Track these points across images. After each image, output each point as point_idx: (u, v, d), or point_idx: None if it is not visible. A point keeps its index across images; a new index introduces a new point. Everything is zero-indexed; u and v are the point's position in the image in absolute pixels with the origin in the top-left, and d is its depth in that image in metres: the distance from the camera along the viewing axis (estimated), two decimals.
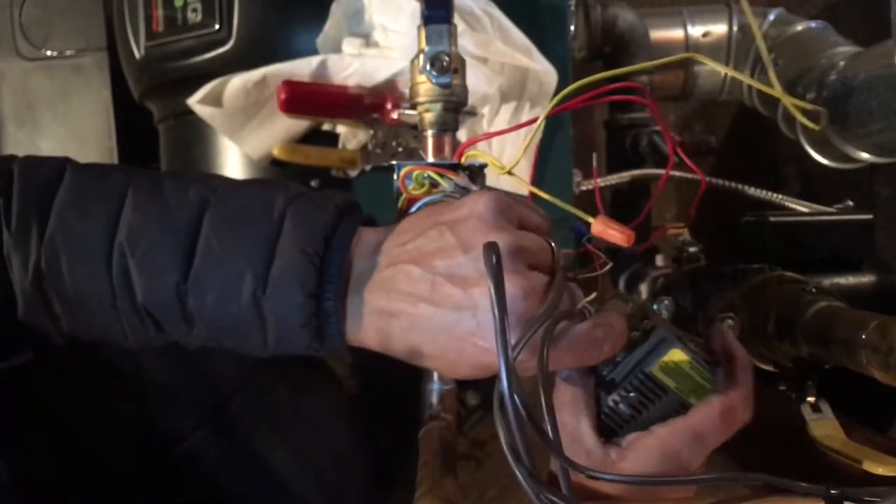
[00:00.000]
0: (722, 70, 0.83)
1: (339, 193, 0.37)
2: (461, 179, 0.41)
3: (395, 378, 0.56)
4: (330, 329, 0.34)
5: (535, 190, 0.42)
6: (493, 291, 0.30)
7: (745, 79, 0.62)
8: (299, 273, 0.33)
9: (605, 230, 0.36)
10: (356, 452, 0.58)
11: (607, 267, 0.40)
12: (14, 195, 0.35)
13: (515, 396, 0.30)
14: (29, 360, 0.40)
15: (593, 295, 0.37)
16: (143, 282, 0.34)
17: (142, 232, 0.34)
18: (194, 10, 0.70)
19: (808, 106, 0.57)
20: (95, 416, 0.45)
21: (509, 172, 0.42)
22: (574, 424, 0.37)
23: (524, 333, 0.32)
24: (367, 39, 0.68)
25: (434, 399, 0.50)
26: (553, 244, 0.37)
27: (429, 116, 0.48)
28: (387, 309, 0.34)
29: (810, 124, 0.49)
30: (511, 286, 0.32)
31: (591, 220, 0.38)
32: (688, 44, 0.98)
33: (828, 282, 0.67)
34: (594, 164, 0.49)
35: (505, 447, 0.30)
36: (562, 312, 0.34)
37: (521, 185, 0.44)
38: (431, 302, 0.33)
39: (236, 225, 0.34)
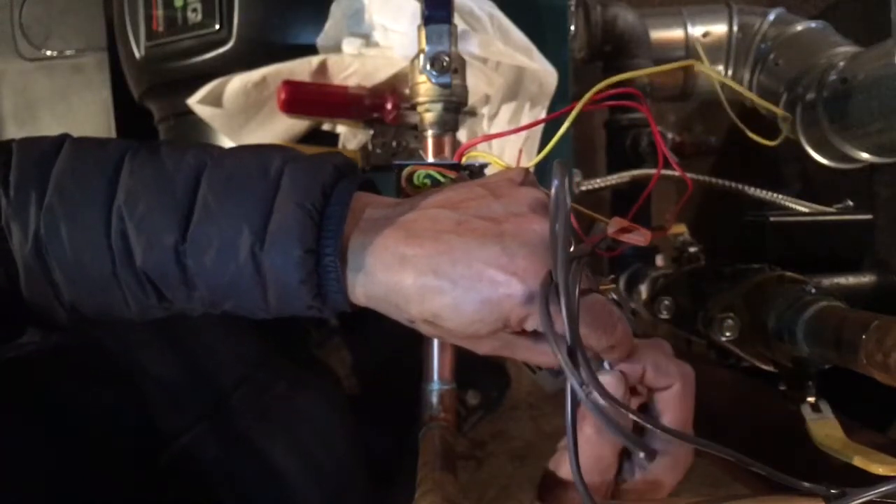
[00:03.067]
0: (721, 79, 0.83)
1: (338, 154, 0.36)
2: (461, 179, 0.41)
3: (396, 378, 0.56)
4: (330, 286, 0.34)
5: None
6: (555, 186, 0.31)
7: (738, 87, 0.63)
8: (297, 227, 0.32)
9: (623, 232, 0.36)
10: (355, 452, 0.58)
11: (612, 286, 0.40)
12: (13, 166, 0.35)
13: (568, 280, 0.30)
14: (31, 344, 0.40)
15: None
16: (142, 245, 0.33)
17: (139, 195, 0.34)
18: (194, 10, 0.70)
19: (779, 111, 0.56)
20: (94, 408, 0.44)
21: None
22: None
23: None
24: (367, 39, 0.68)
25: (434, 399, 0.50)
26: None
27: (429, 116, 0.48)
28: (403, 250, 0.33)
29: (765, 142, 0.49)
30: (542, 225, 0.32)
31: (604, 220, 0.38)
32: (688, 44, 0.98)
33: (828, 282, 0.67)
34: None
35: (548, 335, 0.29)
36: (587, 257, 0.34)
37: None
38: (456, 233, 0.33)
39: (234, 184, 0.34)
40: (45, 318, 0.37)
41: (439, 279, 0.32)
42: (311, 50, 0.68)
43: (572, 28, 0.89)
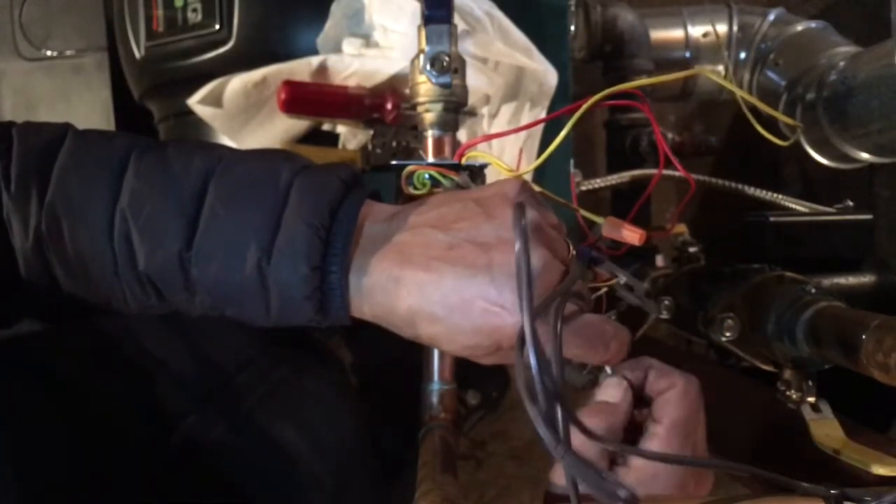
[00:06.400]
0: (725, 85, 0.83)
1: (345, 167, 0.36)
2: (462, 179, 0.41)
3: (397, 377, 0.56)
4: (334, 302, 0.34)
5: (545, 191, 0.42)
6: (518, 236, 0.30)
7: (739, 90, 0.63)
8: (304, 245, 0.33)
9: (618, 231, 0.36)
10: (362, 436, 0.58)
11: (614, 281, 0.40)
12: (14, 158, 0.34)
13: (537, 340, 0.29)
14: (32, 331, 0.40)
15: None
16: (146, 249, 0.33)
17: (145, 198, 0.34)
18: (194, 10, 0.70)
19: (789, 120, 0.57)
20: (99, 391, 0.44)
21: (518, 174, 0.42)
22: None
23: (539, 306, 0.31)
24: (367, 39, 0.68)
25: (434, 399, 0.50)
26: (569, 242, 0.37)
27: (429, 116, 0.48)
28: (397, 274, 0.33)
29: (777, 141, 0.49)
30: (532, 255, 0.31)
31: (599, 219, 0.38)
32: (688, 44, 0.98)
33: (828, 282, 0.67)
34: (571, 169, 0.49)
35: (522, 391, 0.29)
36: (576, 292, 0.34)
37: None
38: (446, 260, 0.33)
39: (241, 194, 0.34)
40: (44, 309, 0.37)
41: (432, 308, 0.33)
42: (311, 50, 0.68)
43: (572, 28, 0.89)
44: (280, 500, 0.50)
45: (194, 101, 0.68)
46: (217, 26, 0.68)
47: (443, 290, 0.33)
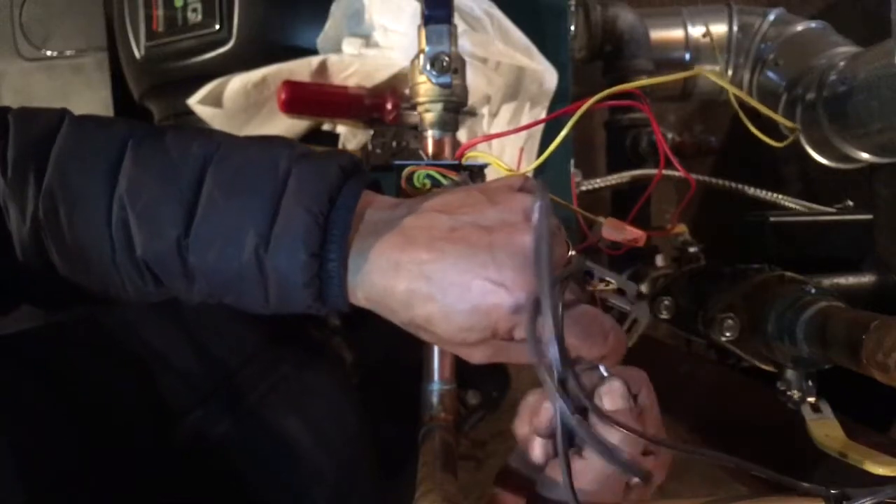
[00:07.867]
0: (724, 85, 0.83)
1: (345, 154, 0.36)
2: (462, 179, 0.41)
3: (397, 377, 0.56)
4: (332, 289, 0.34)
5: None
6: (538, 197, 0.31)
7: (735, 90, 0.63)
8: (303, 231, 0.32)
9: (618, 232, 0.36)
10: (364, 434, 0.58)
11: (610, 286, 0.40)
12: (10, 142, 0.34)
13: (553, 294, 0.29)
14: (34, 326, 0.40)
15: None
16: (143, 236, 0.33)
17: (143, 185, 0.33)
18: (194, 10, 0.70)
19: (787, 122, 0.57)
20: (99, 385, 0.44)
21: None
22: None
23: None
24: (367, 39, 0.68)
25: (434, 399, 0.50)
26: (569, 242, 0.37)
27: (429, 116, 0.48)
28: (398, 257, 0.33)
29: (772, 143, 0.49)
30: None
31: (601, 219, 0.38)
32: (688, 44, 0.98)
33: (828, 282, 0.67)
34: (570, 167, 0.50)
35: (534, 358, 0.28)
36: (576, 280, 0.34)
37: None
38: (449, 240, 0.33)
39: (240, 181, 0.34)
40: (42, 296, 0.37)
41: (430, 286, 0.33)
42: (311, 50, 0.68)
43: (572, 28, 0.89)
44: (284, 493, 0.50)
45: (194, 101, 0.68)
46: (217, 26, 0.68)
47: (443, 268, 0.33)
